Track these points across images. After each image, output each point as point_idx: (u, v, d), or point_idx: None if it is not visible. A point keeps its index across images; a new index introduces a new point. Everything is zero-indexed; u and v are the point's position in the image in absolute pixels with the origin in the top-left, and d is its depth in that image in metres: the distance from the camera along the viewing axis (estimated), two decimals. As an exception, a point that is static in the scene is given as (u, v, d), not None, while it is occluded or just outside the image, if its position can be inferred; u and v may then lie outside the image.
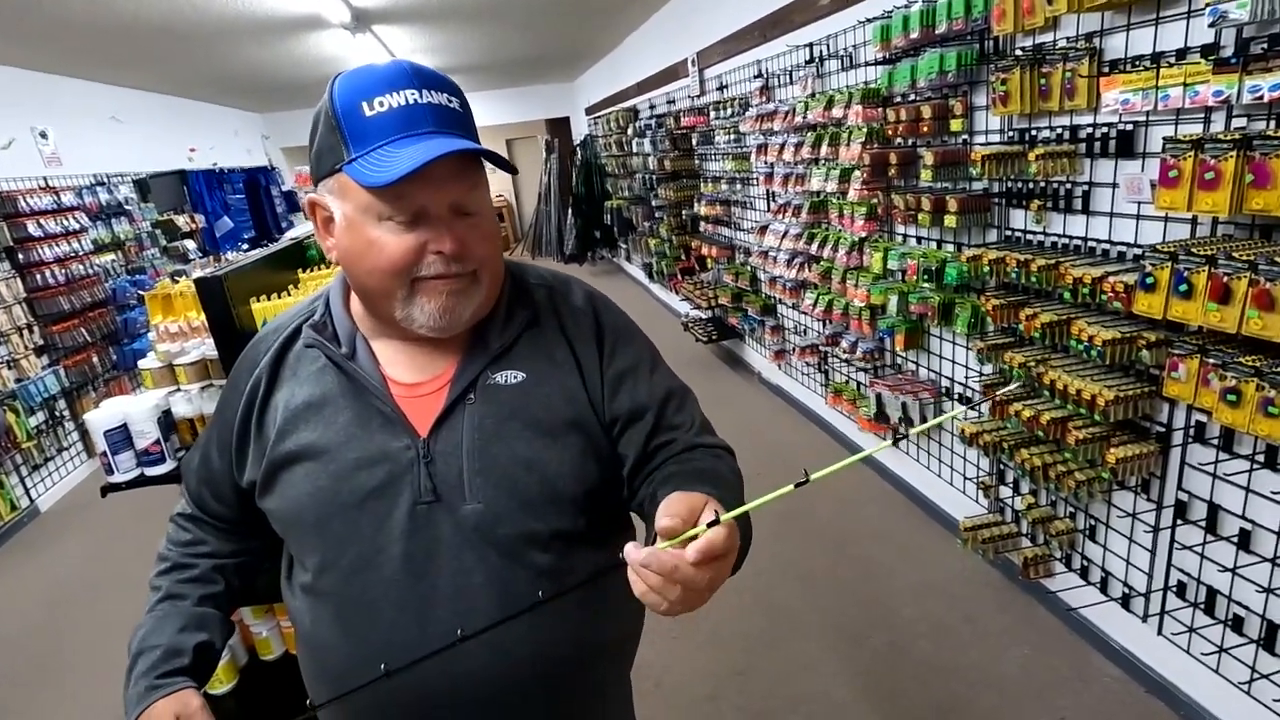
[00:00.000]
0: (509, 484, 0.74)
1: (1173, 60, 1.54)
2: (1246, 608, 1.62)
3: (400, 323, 0.75)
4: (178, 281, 1.96)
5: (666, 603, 0.56)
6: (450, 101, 0.72)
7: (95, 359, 4.70)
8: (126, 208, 5.31)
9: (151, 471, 1.82)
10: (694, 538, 0.55)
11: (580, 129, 10.17)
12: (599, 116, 8.51)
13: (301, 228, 2.58)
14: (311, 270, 2.19)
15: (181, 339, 1.80)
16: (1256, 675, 1.61)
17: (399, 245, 0.70)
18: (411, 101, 0.69)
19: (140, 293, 3.76)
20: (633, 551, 0.57)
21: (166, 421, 1.83)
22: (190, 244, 5.94)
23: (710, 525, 0.54)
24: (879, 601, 2.45)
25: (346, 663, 0.74)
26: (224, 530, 0.88)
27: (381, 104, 0.69)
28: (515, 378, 0.77)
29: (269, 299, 1.78)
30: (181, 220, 5.99)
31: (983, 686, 2.04)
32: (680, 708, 2.08)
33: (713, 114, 4.45)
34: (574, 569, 0.76)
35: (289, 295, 1.89)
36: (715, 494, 0.62)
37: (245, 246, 5.31)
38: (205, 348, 1.85)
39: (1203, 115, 1.52)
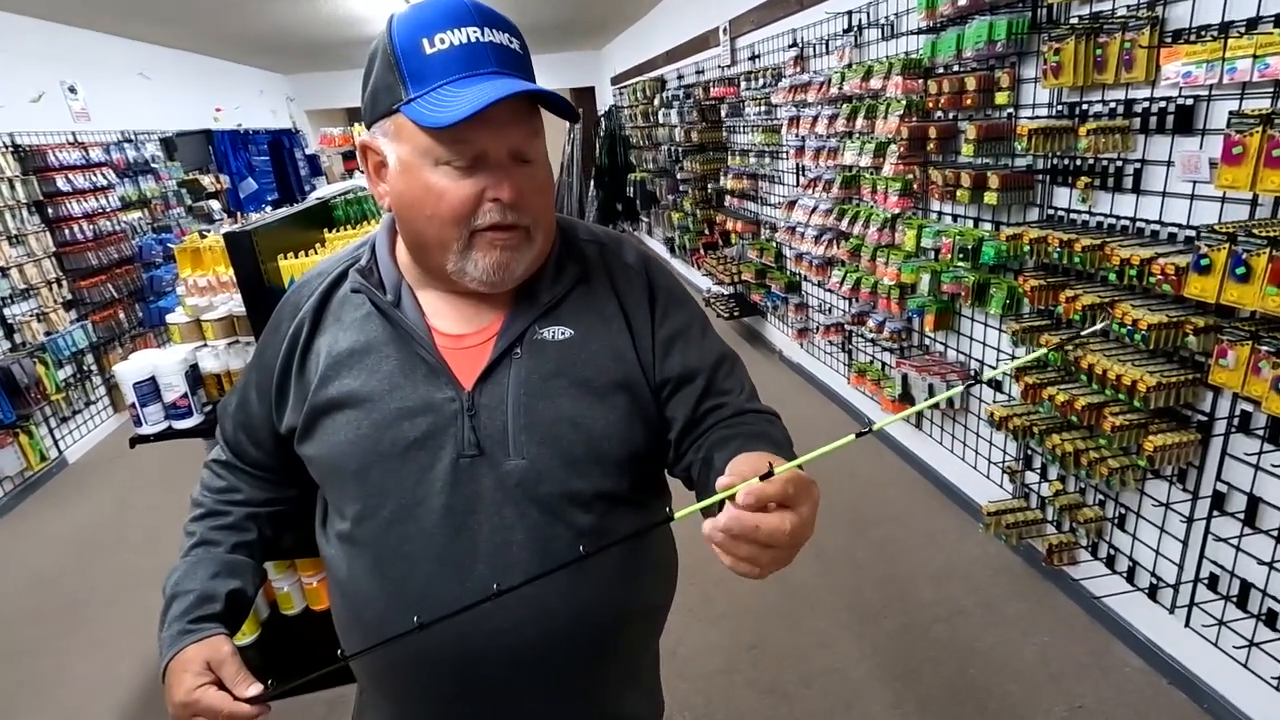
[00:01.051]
0: (554, 441, 0.73)
1: (1243, 30, 1.46)
2: (1282, 603, 1.59)
3: (451, 275, 0.73)
4: (205, 237, 1.96)
5: (758, 569, 0.54)
6: (511, 42, 0.69)
7: (121, 315, 4.76)
8: (153, 166, 5.33)
9: (179, 425, 1.83)
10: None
11: (605, 99, 10.03)
12: (625, 86, 8.38)
13: (327, 188, 2.56)
14: (337, 230, 2.18)
15: (210, 293, 1.80)
16: (1288, 671, 1.58)
17: (457, 191, 0.68)
18: (474, 40, 0.66)
19: (171, 246, 3.77)
20: (710, 525, 0.54)
21: (194, 375, 1.84)
22: (215, 204, 5.97)
23: (763, 478, 0.52)
24: (896, 583, 2.44)
25: (383, 613, 0.73)
26: (259, 478, 0.87)
27: (443, 41, 0.66)
28: (563, 334, 0.76)
29: (296, 257, 1.77)
30: (206, 180, 6.01)
31: (999, 671, 2.03)
32: (694, 679, 2.09)
33: (743, 85, 4.35)
34: (614, 531, 0.74)
35: (315, 254, 1.88)
36: (776, 454, 0.60)
37: (268, 209, 5.33)
38: (233, 303, 1.85)
39: (1272, 89, 1.44)
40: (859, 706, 1.96)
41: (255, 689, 0.69)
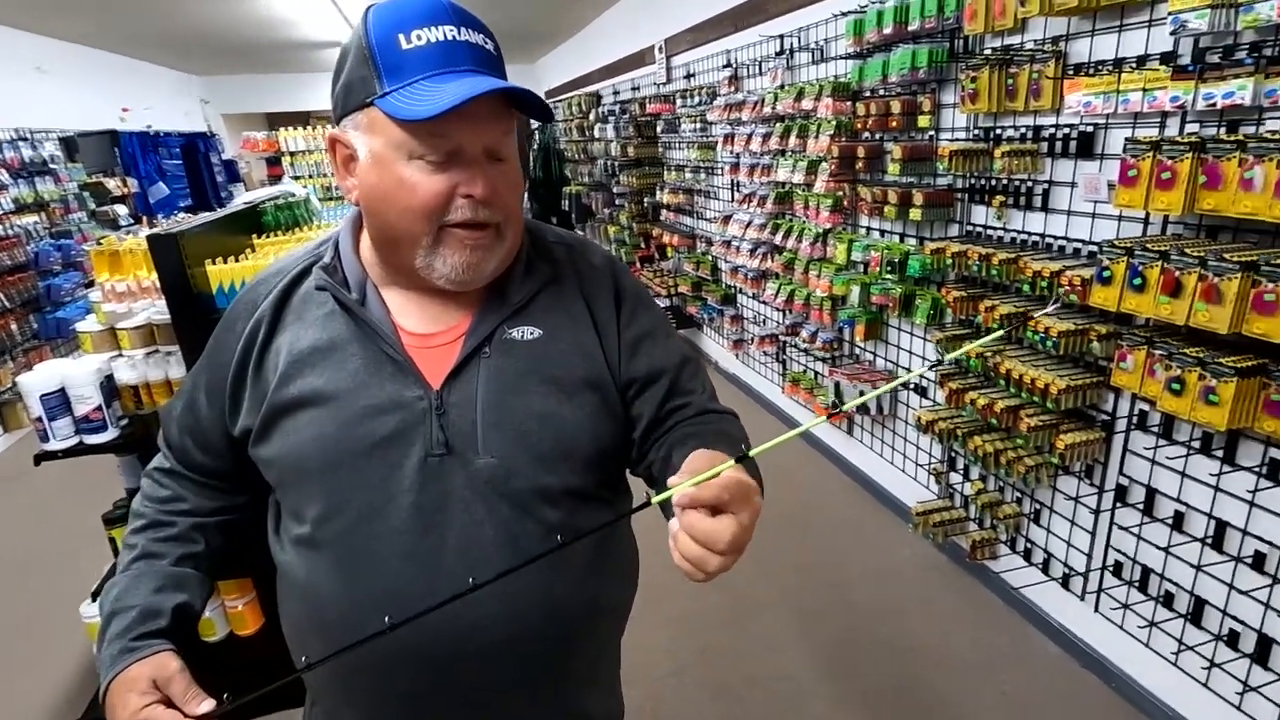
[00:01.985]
0: (523, 438, 0.73)
1: (1134, 66, 1.62)
2: (1177, 584, 1.74)
3: (419, 271, 0.72)
4: (125, 240, 1.85)
5: (703, 573, 0.57)
6: (486, 43, 0.70)
7: (14, 326, 4.38)
8: (51, 166, 4.96)
9: (91, 439, 1.71)
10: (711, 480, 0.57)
11: (539, 112, 10.01)
12: (560, 100, 8.39)
13: (258, 192, 2.46)
14: (267, 236, 2.09)
15: (129, 299, 1.70)
16: (1183, 648, 1.73)
17: (430, 186, 0.68)
18: (451, 38, 0.67)
19: (83, 249, 3.46)
20: (673, 523, 0.57)
21: (109, 387, 1.73)
22: (121, 209, 5.60)
23: (739, 461, 0.55)
24: (836, 585, 2.52)
25: (348, 613, 0.71)
26: (207, 486, 0.83)
27: (420, 37, 0.66)
28: (532, 334, 0.76)
29: (225, 262, 1.69)
30: (112, 184, 5.63)
31: (935, 665, 2.12)
32: (644, 683, 2.09)
33: (679, 102, 4.45)
34: (582, 527, 0.75)
35: (245, 259, 1.80)
36: (730, 453, 0.62)
37: (181, 215, 5.03)
38: (153, 310, 1.75)
39: (1159, 119, 1.61)
40: (806, 706, 2.01)
41: (208, 705, 0.65)
